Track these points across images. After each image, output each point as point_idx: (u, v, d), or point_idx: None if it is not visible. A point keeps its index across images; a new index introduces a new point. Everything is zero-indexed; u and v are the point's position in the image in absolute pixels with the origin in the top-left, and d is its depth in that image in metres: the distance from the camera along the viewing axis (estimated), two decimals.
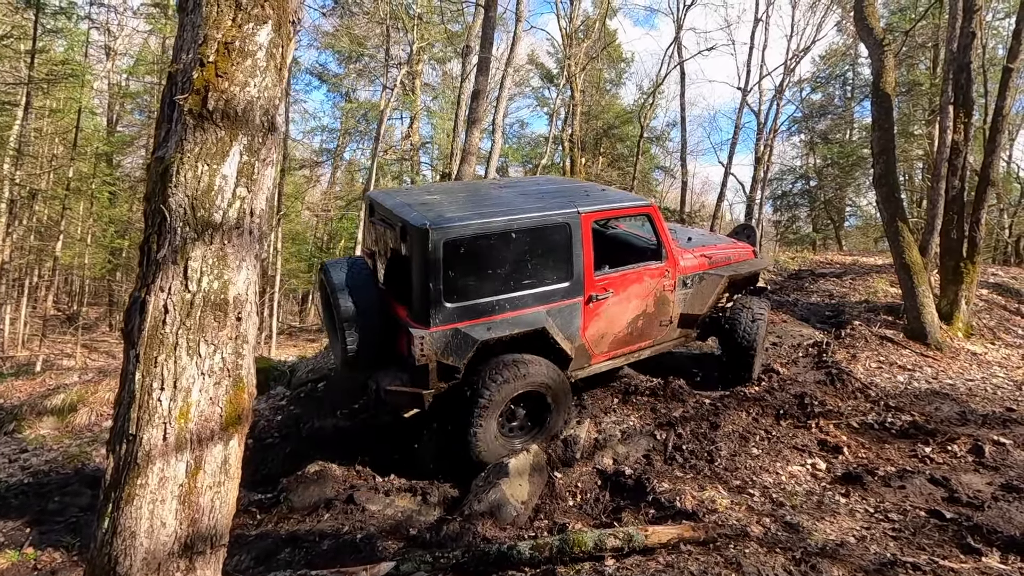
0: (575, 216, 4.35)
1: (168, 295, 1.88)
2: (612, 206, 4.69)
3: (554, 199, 4.58)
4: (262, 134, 2.04)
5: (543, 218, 4.22)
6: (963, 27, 6.65)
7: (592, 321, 4.58)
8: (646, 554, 2.91)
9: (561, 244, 4.32)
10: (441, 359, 3.93)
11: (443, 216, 3.96)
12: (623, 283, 4.70)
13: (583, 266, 4.42)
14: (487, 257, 4.05)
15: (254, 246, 2.08)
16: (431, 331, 3.87)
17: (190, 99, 1.90)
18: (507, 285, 4.12)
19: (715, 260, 5.41)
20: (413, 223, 3.90)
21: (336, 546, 3.48)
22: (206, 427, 1.93)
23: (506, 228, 4.06)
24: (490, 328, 4.05)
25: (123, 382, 1.93)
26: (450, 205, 4.29)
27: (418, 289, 3.89)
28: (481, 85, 8.55)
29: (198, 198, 1.90)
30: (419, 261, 3.85)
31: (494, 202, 4.44)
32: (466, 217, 3.99)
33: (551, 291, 4.30)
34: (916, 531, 3.30)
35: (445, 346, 3.93)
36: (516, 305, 4.16)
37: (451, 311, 3.93)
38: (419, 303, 3.90)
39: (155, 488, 1.83)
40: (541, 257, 4.25)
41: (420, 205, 4.25)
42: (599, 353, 4.75)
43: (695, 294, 5.19)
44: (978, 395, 5.20)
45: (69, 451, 5.44)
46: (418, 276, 3.87)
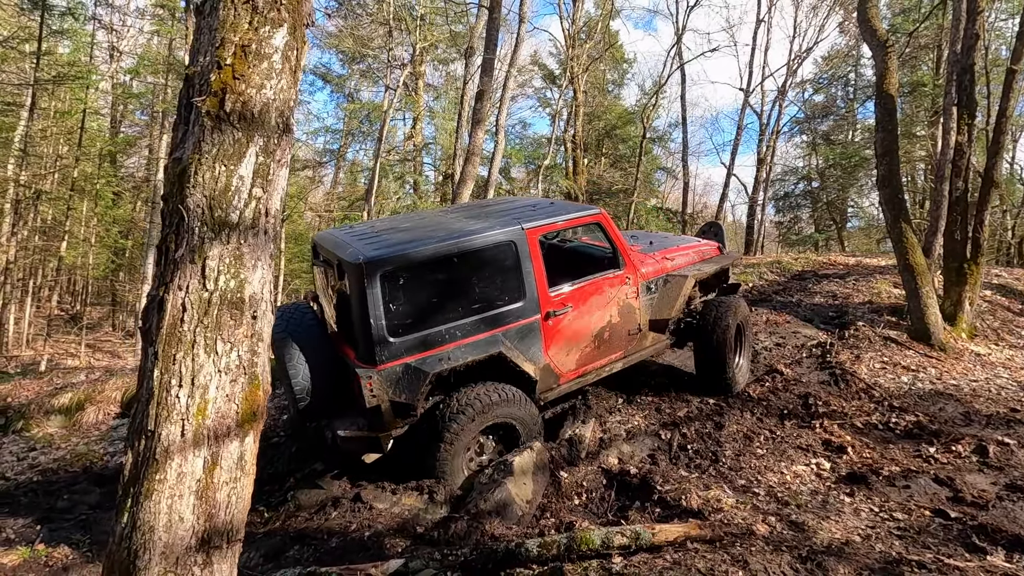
0: (519, 232, 4.20)
1: (186, 294, 1.91)
2: (558, 219, 4.51)
3: (498, 218, 4.44)
4: (277, 135, 2.07)
5: (485, 238, 4.06)
6: (967, 29, 6.66)
7: (554, 339, 4.42)
8: (653, 552, 2.93)
9: (508, 263, 4.17)
10: (393, 397, 3.78)
11: (377, 248, 3.84)
12: (582, 296, 4.54)
13: (535, 283, 4.26)
14: (429, 285, 3.91)
15: (269, 245, 2.11)
16: (379, 369, 3.72)
17: (208, 101, 1.93)
18: (456, 312, 3.97)
19: (678, 262, 5.29)
20: (347, 259, 3.77)
21: (344, 544, 3.51)
22: (223, 423, 1.95)
23: (445, 252, 3.91)
24: (442, 359, 3.88)
25: (141, 379, 1.96)
26: (391, 237, 4.13)
27: (360, 326, 3.73)
28: (485, 86, 8.57)
29: (215, 198, 1.93)
30: (357, 297, 3.71)
31: (435, 228, 4.29)
32: (401, 247, 3.86)
33: (504, 313, 4.14)
34: (921, 530, 3.33)
35: (396, 383, 3.78)
36: (468, 332, 4.00)
37: (398, 346, 3.77)
38: (363, 341, 3.74)
39: (173, 483, 1.86)
40: (489, 279, 4.11)
41: (357, 240, 4.10)
42: (567, 371, 4.59)
43: (661, 298, 5.04)
44: (982, 396, 5.22)
45: (77, 449, 5.48)
46: (358, 313, 3.73)
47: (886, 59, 7.17)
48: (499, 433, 4.24)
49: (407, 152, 21.57)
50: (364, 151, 25.60)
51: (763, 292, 8.61)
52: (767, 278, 9.27)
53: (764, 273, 9.46)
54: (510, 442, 4.27)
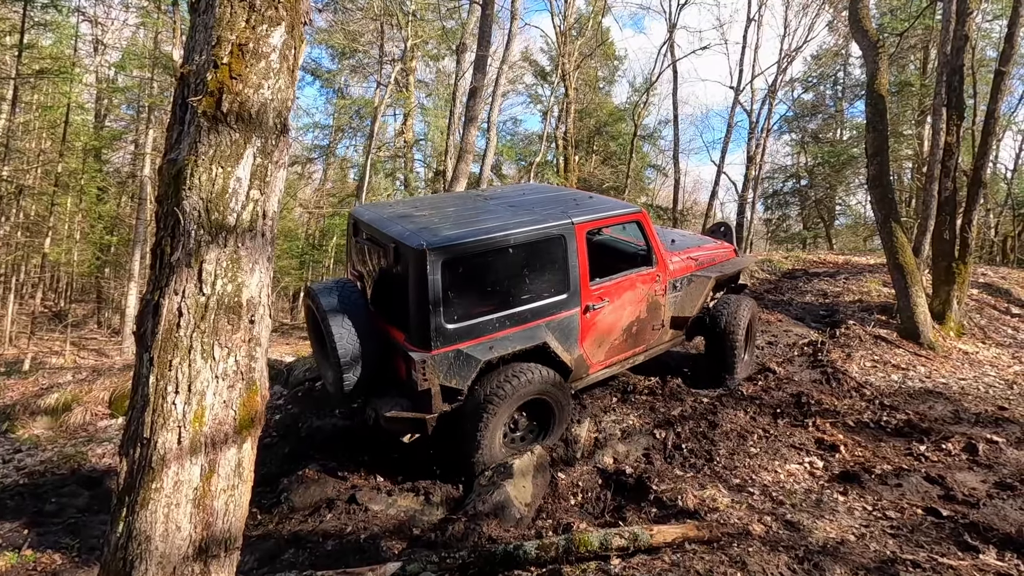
0: (570, 227, 4.29)
1: (182, 298, 1.87)
2: (605, 214, 4.63)
3: (545, 210, 4.50)
4: (275, 136, 2.03)
5: (539, 231, 4.14)
6: (956, 30, 6.73)
7: (589, 331, 4.54)
8: (651, 553, 2.94)
9: (557, 256, 4.25)
10: (444, 382, 3.84)
11: (439, 235, 3.85)
12: (617, 291, 4.67)
13: (579, 277, 4.37)
14: (485, 274, 3.96)
15: (266, 248, 2.08)
16: (432, 354, 3.77)
17: (204, 101, 1.89)
18: (506, 301, 4.04)
19: (701, 262, 5.44)
20: (408, 243, 3.78)
21: (340, 547, 3.48)
22: (220, 430, 1.92)
23: (503, 243, 3.97)
24: (492, 347, 3.97)
25: (136, 385, 1.92)
26: (442, 222, 4.17)
27: (417, 312, 3.76)
28: (478, 83, 8.52)
29: (212, 201, 1.89)
30: (417, 283, 3.72)
31: (487, 217, 4.34)
32: (463, 234, 3.89)
33: (549, 304, 4.23)
34: (914, 529, 3.36)
35: (447, 369, 3.84)
36: (516, 321, 4.08)
37: (452, 332, 3.82)
38: (418, 326, 3.77)
39: (170, 492, 1.82)
40: (538, 270, 4.18)
41: (411, 223, 4.14)
42: (596, 363, 4.72)
43: (685, 297, 5.20)
44: (971, 394, 5.29)
45: (64, 451, 5.39)
46: (416, 298, 3.75)
47: (877, 59, 7.22)
48: (534, 411, 4.33)
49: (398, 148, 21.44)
50: (354, 147, 25.43)
51: (754, 291, 8.66)
52: (758, 276, 9.33)
53: (755, 271, 9.52)
54: (543, 419, 4.38)
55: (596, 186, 25.46)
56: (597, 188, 25.42)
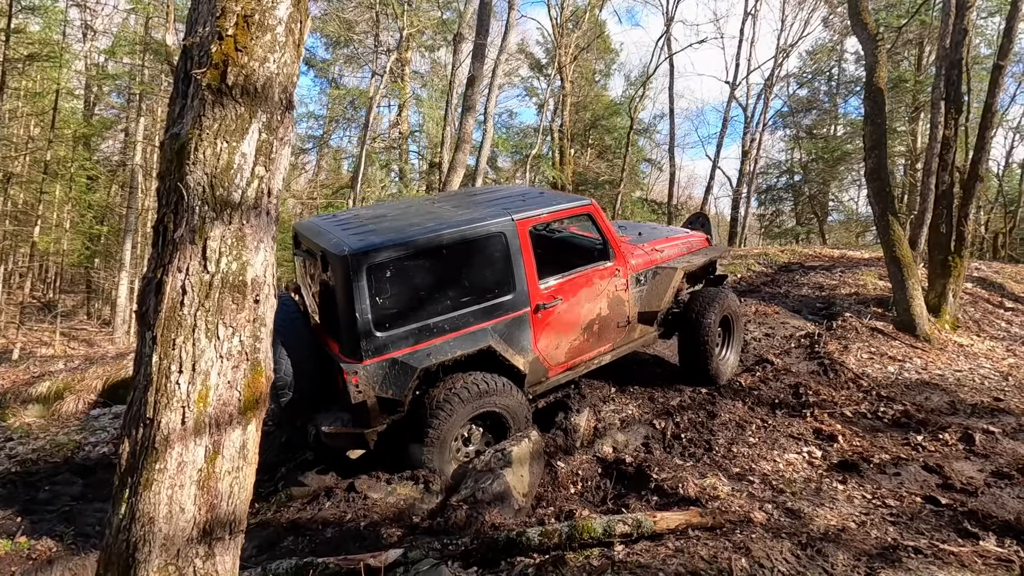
0: (510, 224, 4.12)
1: (186, 276, 1.83)
2: (548, 209, 4.43)
3: (488, 208, 4.36)
4: (280, 112, 1.98)
5: (474, 229, 3.97)
6: (955, 24, 6.73)
7: (543, 332, 4.35)
8: (655, 540, 2.93)
9: (498, 255, 4.09)
10: (380, 393, 3.70)
11: (363, 239, 3.73)
12: (572, 288, 4.48)
13: (525, 275, 4.19)
14: (417, 277, 3.82)
15: (271, 227, 2.03)
16: (364, 364, 3.63)
17: (208, 73, 1.84)
18: (444, 305, 3.88)
19: (668, 253, 5.25)
20: (332, 250, 3.66)
21: (340, 534, 3.45)
22: (224, 411, 1.88)
23: (434, 244, 3.81)
24: (431, 353, 3.81)
25: (138, 365, 1.88)
26: (374, 227, 4.02)
27: (345, 320, 3.63)
28: (476, 71, 8.45)
29: (217, 176, 1.84)
30: (343, 290, 3.60)
31: (423, 218, 4.19)
32: (390, 238, 3.75)
33: (493, 306, 4.06)
34: (913, 516, 3.38)
35: (383, 379, 3.70)
36: (457, 325, 3.92)
37: (384, 340, 3.67)
38: (348, 335, 3.64)
39: (174, 473, 1.78)
40: (478, 271, 4.03)
41: (341, 230, 3.98)
42: (556, 365, 4.53)
43: (650, 290, 5.00)
44: (966, 385, 5.33)
45: (57, 439, 5.32)
46: (343, 306, 3.62)
47: (876, 53, 7.22)
48: (487, 423, 4.18)
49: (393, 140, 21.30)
50: (348, 138, 25.23)
51: (751, 283, 8.68)
52: (755, 269, 9.35)
53: (751, 265, 9.54)
54: (499, 432, 4.21)
55: (592, 180, 25.44)
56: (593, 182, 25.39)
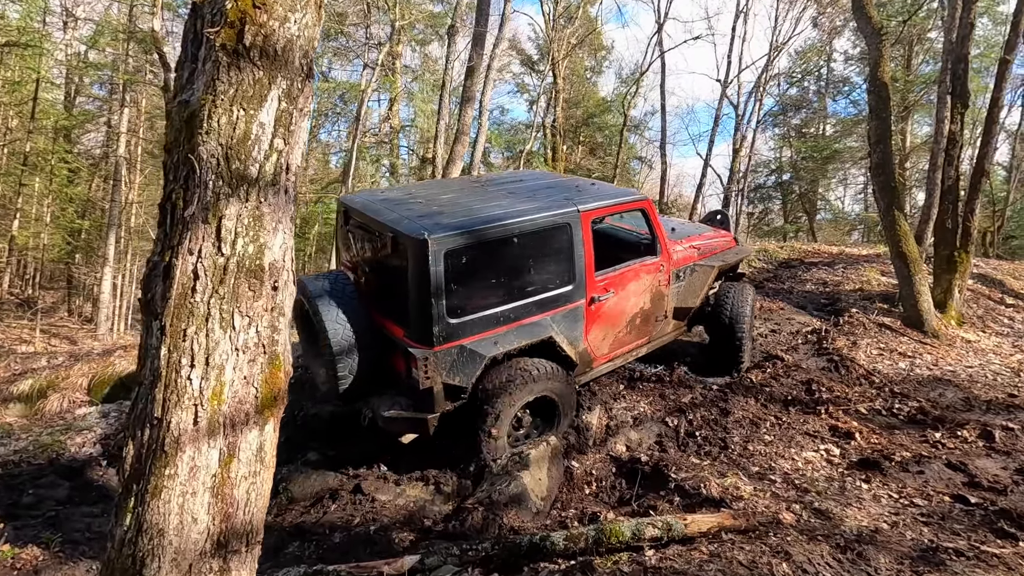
0: (575, 215, 4.09)
1: (198, 258, 1.64)
2: (610, 202, 4.42)
3: (548, 197, 4.29)
4: (300, 79, 1.80)
5: (545, 219, 3.94)
6: (962, 17, 6.68)
7: (594, 324, 4.36)
8: (686, 543, 2.79)
9: (563, 246, 4.05)
10: (447, 380, 3.62)
11: (441, 223, 3.63)
12: (622, 282, 4.49)
13: (585, 267, 4.17)
14: (489, 265, 3.75)
15: (289, 207, 1.85)
16: (435, 351, 3.55)
17: (223, 33, 1.64)
18: (511, 294, 3.84)
19: (703, 251, 5.30)
20: (408, 233, 3.54)
21: (348, 539, 3.27)
22: (240, 410, 1.70)
23: (509, 232, 3.76)
24: (497, 342, 3.77)
25: (143, 358, 1.68)
26: (442, 209, 3.92)
27: (418, 306, 3.53)
28: (475, 61, 8.26)
29: (232, 147, 1.65)
30: (418, 275, 3.49)
31: (488, 204, 4.09)
32: (466, 223, 3.67)
33: (555, 296, 4.04)
34: (945, 516, 3.27)
35: (451, 365, 3.63)
36: (521, 315, 3.88)
37: (455, 327, 3.60)
38: (420, 321, 3.54)
39: (185, 479, 1.60)
40: (543, 261, 3.99)
41: (408, 210, 3.89)
42: (600, 356, 4.57)
43: (687, 287, 5.07)
44: (979, 382, 5.27)
45: (40, 440, 5.04)
46: (417, 291, 3.52)
47: (880, 47, 7.14)
48: (537, 408, 4.17)
49: (384, 134, 21.00)
50: (337, 132, 24.85)
51: (753, 279, 8.60)
52: (755, 266, 9.27)
53: (752, 261, 9.46)
54: (547, 418, 4.21)
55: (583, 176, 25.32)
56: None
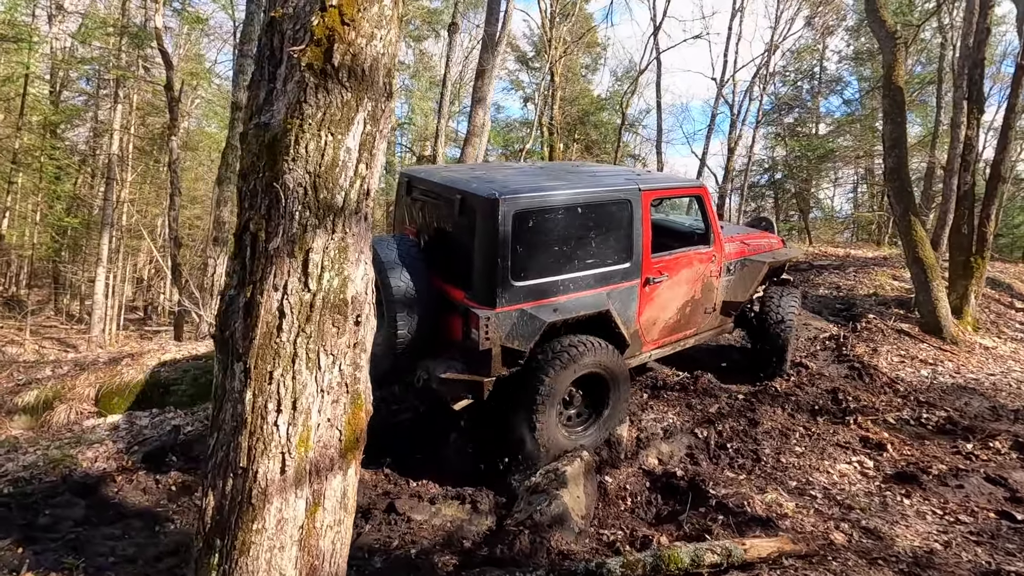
0: (636, 192, 4.17)
1: (284, 295, 1.53)
2: (669, 184, 4.59)
3: (610, 176, 4.39)
4: (384, 100, 1.69)
5: (607, 192, 4.05)
6: (978, 23, 6.67)
7: (647, 305, 4.40)
8: (746, 570, 2.72)
9: (623, 222, 4.13)
10: (505, 343, 3.63)
11: (510, 187, 3.68)
12: (676, 267, 4.56)
13: (642, 246, 4.24)
14: (554, 233, 3.81)
15: (369, 235, 1.74)
16: (497, 312, 3.57)
17: (310, 52, 1.53)
18: (571, 264, 3.90)
19: (754, 248, 5.34)
20: (479, 194, 3.61)
21: (389, 563, 3.16)
22: (325, 455, 1.59)
23: (574, 202, 3.84)
24: (556, 309, 3.80)
25: (221, 401, 1.57)
26: (509, 178, 4.01)
27: (483, 265, 3.59)
28: (486, 63, 8.13)
29: (320, 175, 1.54)
30: (486, 234, 3.56)
31: (550, 177, 4.19)
32: (534, 187, 3.74)
33: (612, 272, 4.11)
34: (994, 535, 3.24)
35: (511, 328, 3.64)
36: (579, 286, 3.93)
37: (518, 290, 3.64)
38: (484, 281, 3.59)
39: (273, 533, 1.49)
40: (604, 235, 4.06)
41: (476, 178, 3.96)
42: (650, 341, 4.58)
43: (737, 281, 5.10)
44: (1003, 390, 5.27)
45: (50, 454, 4.86)
46: (484, 251, 3.58)
47: (895, 51, 7.12)
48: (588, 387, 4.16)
49: None
50: None
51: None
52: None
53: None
54: (597, 398, 4.20)
55: None
56: None
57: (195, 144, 22.20)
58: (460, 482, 4.04)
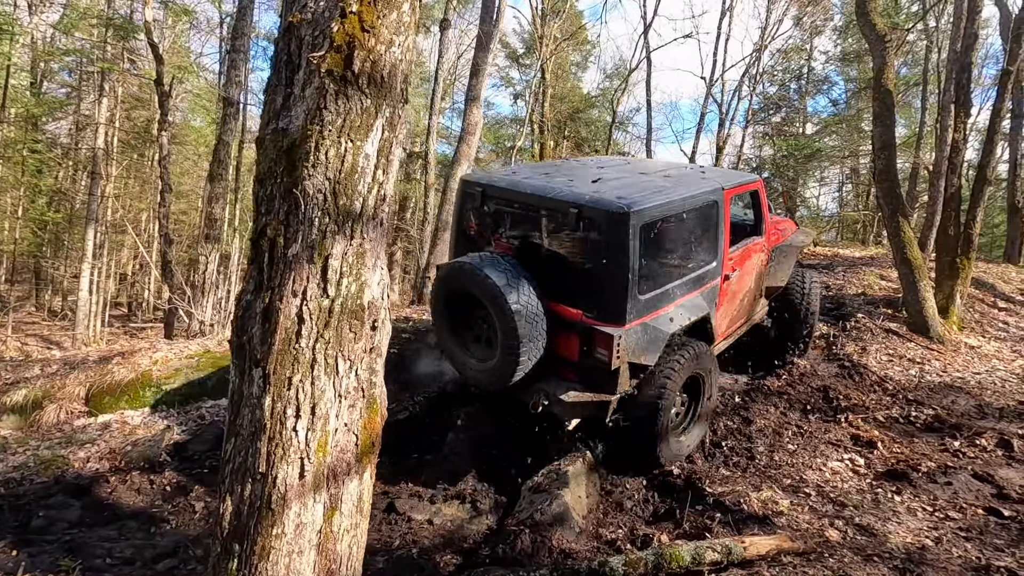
0: (720, 193, 4.15)
1: (303, 301, 1.53)
2: (740, 181, 4.57)
3: (685, 177, 4.32)
4: (401, 106, 1.69)
5: (704, 195, 4.00)
6: (966, 28, 6.79)
7: (723, 301, 4.41)
8: (745, 567, 2.77)
9: (712, 222, 4.11)
10: (632, 358, 3.51)
11: (631, 196, 3.56)
12: (742, 260, 4.60)
13: (724, 245, 4.24)
14: (667, 240, 3.78)
15: (384, 240, 1.74)
16: (626, 328, 3.44)
17: (329, 58, 1.53)
18: (678, 270, 3.87)
19: (785, 232, 5.45)
20: (604, 207, 3.44)
21: (392, 563, 3.18)
22: (342, 459, 1.60)
23: (682, 207, 3.80)
24: (672, 318, 3.74)
25: (239, 406, 1.57)
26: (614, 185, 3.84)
27: (612, 282, 3.44)
28: (480, 61, 8.11)
29: (340, 181, 1.55)
30: (615, 249, 3.40)
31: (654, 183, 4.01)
32: (655, 198, 3.62)
33: (704, 273, 4.09)
34: (983, 531, 3.33)
35: (636, 343, 3.52)
36: (683, 291, 3.90)
37: (642, 304, 3.53)
38: (613, 298, 3.44)
39: (292, 538, 1.50)
40: (699, 237, 4.05)
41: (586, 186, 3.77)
42: (720, 334, 4.57)
43: (777, 266, 5.18)
44: (988, 389, 5.39)
45: (40, 454, 4.80)
46: (613, 267, 3.43)
47: (884, 54, 7.22)
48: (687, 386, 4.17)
49: None
50: None
51: None
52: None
53: None
54: (695, 394, 4.21)
55: None
56: None
57: (181, 138, 21.91)
58: (458, 481, 4.06)
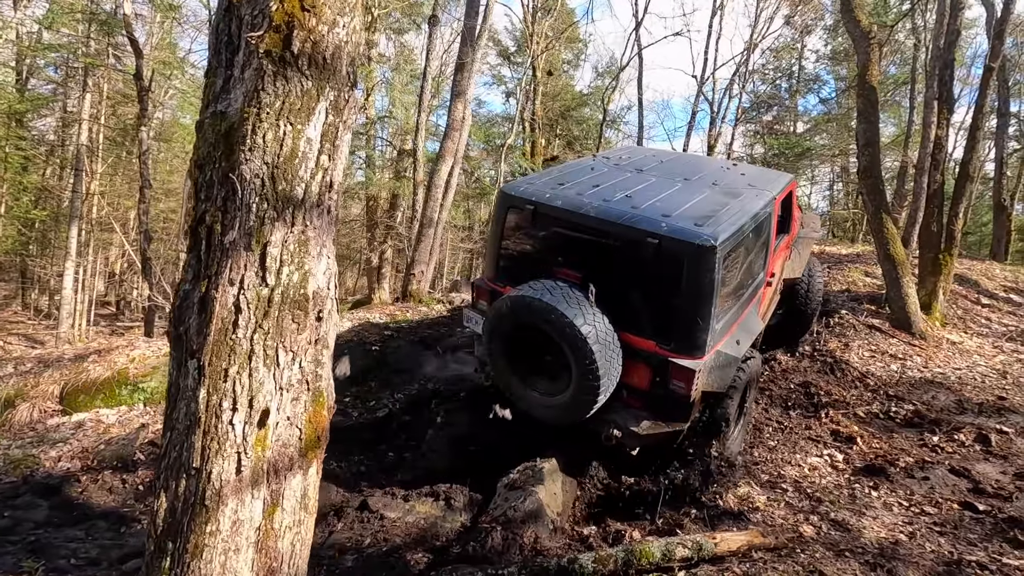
0: (772, 201, 4.05)
1: (240, 290, 1.48)
2: (783, 185, 4.51)
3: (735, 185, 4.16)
4: (347, 90, 1.64)
5: (763, 211, 3.85)
6: (949, 25, 6.80)
7: (762, 304, 4.37)
8: (716, 563, 2.74)
9: (765, 234, 3.98)
10: (706, 387, 3.41)
11: (712, 228, 3.35)
12: (776, 261, 4.58)
13: (770, 252, 4.16)
14: (737, 264, 3.64)
15: (332, 228, 1.69)
16: (703, 360, 3.32)
17: (268, 38, 1.48)
18: (739, 290, 3.73)
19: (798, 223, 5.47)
20: (689, 240, 3.25)
21: (361, 562, 3.13)
22: (284, 454, 1.55)
23: (750, 229, 3.67)
24: (739, 341, 3.65)
25: (173, 399, 1.52)
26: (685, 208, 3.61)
27: (692, 315, 3.29)
28: (466, 56, 8.05)
29: (279, 166, 1.49)
30: (698, 283, 3.25)
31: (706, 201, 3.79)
32: (727, 225, 3.43)
33: (755, 285, 3.98)
34: (957, 525, 3.31)
35: (709, 372, 3.40)
36: (743, 309, 3.80)
37: (716, 332, 3.39)
38: (693, 331, 3.30)
39: (228, 535, 1.44)
40: (756, 253, 3.90)
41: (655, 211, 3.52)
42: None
43: (795, 258, 5.19)
44: (968, 384, 5.39)
45: (11, 454, 4.72)
46: (694, 300, 3.27)
47: (869, 51, 7.21)
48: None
49: (359, 126, 20.48)
50: None
51: None
52: None
53: None
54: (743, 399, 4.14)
55: None
56: None
57: (169, 135, 21.72)
58: (435, 480, 4.02)
